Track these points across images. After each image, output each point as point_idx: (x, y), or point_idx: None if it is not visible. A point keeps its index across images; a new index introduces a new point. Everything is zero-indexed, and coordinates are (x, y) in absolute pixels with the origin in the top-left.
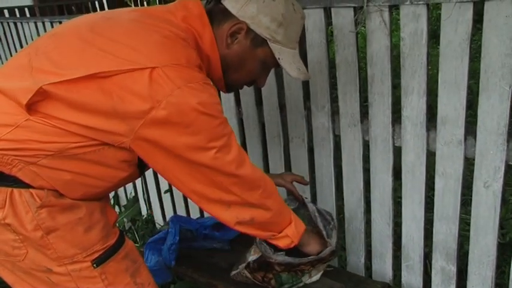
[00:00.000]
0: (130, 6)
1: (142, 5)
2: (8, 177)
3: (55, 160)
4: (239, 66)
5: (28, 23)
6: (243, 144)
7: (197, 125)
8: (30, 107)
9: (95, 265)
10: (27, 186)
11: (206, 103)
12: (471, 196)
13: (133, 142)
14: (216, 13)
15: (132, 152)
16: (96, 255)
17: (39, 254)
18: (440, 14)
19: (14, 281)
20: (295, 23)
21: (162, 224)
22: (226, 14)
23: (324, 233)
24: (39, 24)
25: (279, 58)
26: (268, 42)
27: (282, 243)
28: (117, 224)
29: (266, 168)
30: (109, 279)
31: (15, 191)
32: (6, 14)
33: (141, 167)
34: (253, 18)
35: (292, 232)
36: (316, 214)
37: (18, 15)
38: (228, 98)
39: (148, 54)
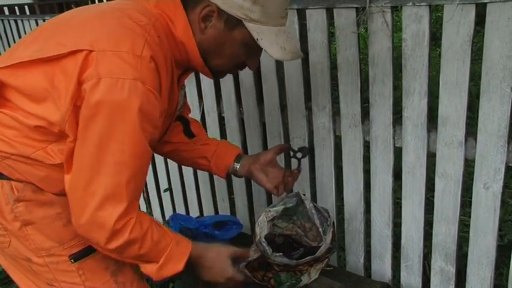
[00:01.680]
0: None
1: None
2: None
3: (27, 158)
4: (218, 51)
5: (28, 20)
6: (244, 144)
7: (94, 118)
8: (1, 97)
9: (72, 260)
10: (9, 178)
11: (112, 103)
12: (471, 197)
13: (67, 128)
14: None
15: None
16: (75, 250)
17: (19, 243)
18: (440, 16)
19: (7, 266)
20: None
21: (161, 223)
22: None
23: (321, 230)
24: (40, 22)
25: (257, 39)
26: (244, 23)
27: (143, 270)
28: None
29: None
30: (86, 275)
31: None
32: (6, 12)
33: None
34: None
35: (151, 271)
36: (314, 211)
37: (18, 13)
38: (229, 97)
39: (93, 38)
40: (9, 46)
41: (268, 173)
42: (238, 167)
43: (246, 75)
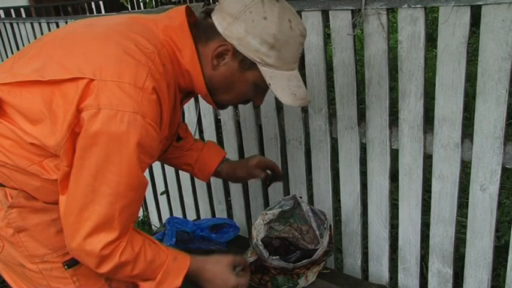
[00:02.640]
0: (127, 7)
1: (138, 5)
2: None
3: (23, 169)
4: (228, 88)
5: (24, 23)
6: (240, 146)
7: (89, 150)
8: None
9: (66, 267)
10: (2, 185)
11: (110, 135)
12: (467, 199)
13: (61, 154)
14: (205, 28)
15: None
16: (68, 257)
17: (12, 249)
18: (435, 17)
19: (1, 269)
20: (292, 42)
21: (158, 226)
22: (214, 31)
23: (318, 232)
24: (36, 25)
25: (269, 84)
26: (258, 66)
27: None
28: None
29: None
30: (81, 282)
31: None
32: (2, 15)
33: None
34: (241, 39)
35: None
36: (310, 214)
37: (14, 16)
38: None
39: (95, 65)
40: (5, 49)
41: (249, 174)
42: (220, 170)
43: None
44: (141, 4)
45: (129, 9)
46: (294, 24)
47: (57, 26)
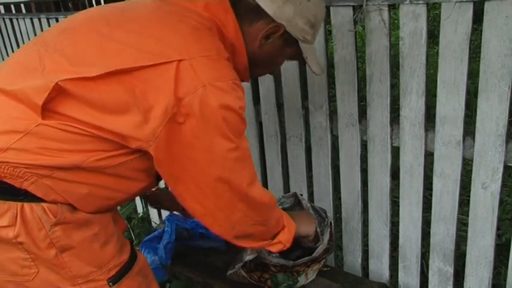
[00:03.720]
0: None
1: None
2: (19, 190)
3: (71, 173)
4: (267, 63)
5: (24, 19)
6: None
7: (215, 128)
8: (45, 109)
9: (110, 283)
10: (38, 200)
11: (229, 107)
12: (469, 196)
13: (153, 146)
14: (247, 9)
15: (151, 158)
16: (112, 272)
17: (51, 273)
18: (437, 14)
19: None
20: (322, 20)
21: (158, 223)
22: (260, 13)
23: (318, 230)
24: (35, 21)
25: (306, 57)
26: (299, 43)
27: (275, 248)
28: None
29: (263, 167)
30: None
31: (26, 205)
32: (2, 10)
33: (158, 175)
34: (290, 20)
35: (285, 238)
36: (311, 211)
37: (14, 11)
38: None
39: (175, 45)
40: (4, 45)
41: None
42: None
43: None
44: None
45: None
46: (324, 4)
47: (57, 22)
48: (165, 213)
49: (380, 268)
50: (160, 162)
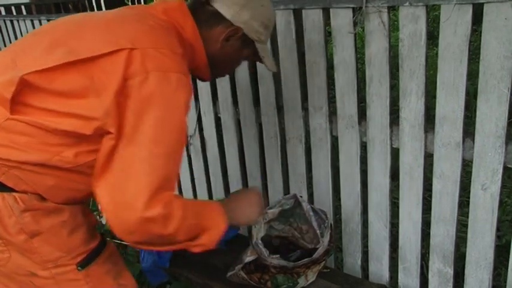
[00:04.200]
0: (127, 4)
1: (139, 2)
2: None
3: (39, 166)
4: (226, 64)
5: (25, 20)
6: (240, 145)
7: (153, 110)
8: (16, 103)
9: (79, 268)
10: (10, 190)
11: (168, 96)
12: (468, 197)
13: (107, 123)
14: (206, 15)
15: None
16: (81, 258)
17: (22, 258)
18: (436, 15)
19: (3, 284)
20: (273, 23)
21: None
22: (218, 18)
23: (318, 232)
24: (36, 22)
25: (262, 56)
26: (255, 43)
27: (195, 250)
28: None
29: (263, 169)
30: (93, 282)
31: None
32: (3, 12)
33: None
34: (246, 23)
35: (205, 242)
36: (311, 213)
37: (14, 13)
38: (225, 99)
39: (129, 37)
40: (6, 46)
41: None
42: None
43: (243, 76)
44: (142, 1)
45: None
46: (272, 7)
47: None
48: None
49: (380, 269)
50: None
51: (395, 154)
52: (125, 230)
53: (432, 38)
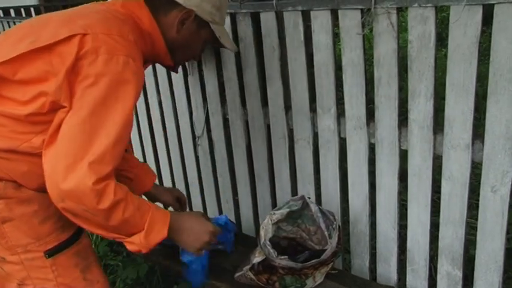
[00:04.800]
0: None
1: None
2: None
3: (11, 153)
4: (187, 47)
5: None
6: (248, 146)
7: (90, 90)
8: None
9: (47, 255)
10: None
11: (110, 75)
12: (477, 200)
13: (62, 98)
14: (161, 3)
15: None
16: (49, 246)
17: None
18: (444, 17)
19: None
20: (226, 4)
21: None
22: (172, 3)
23: (326, 233)
24: None
25: (219, 36)
26: (210, 24)
27: (130, 247)
28: None
29: (271, 170)
30: (59, 271)
31: None
32: (12, 14)
33: None
34: (198, 5)
35: (139, 241)
36: (319, 214)
37: (24, 15)
38: (233, 100)
39: (83, 25)
40: None
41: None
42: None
43: (251, 77)
44: None
45: None
46: None
47: None
48: None
49: (388, 271)
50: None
51: (403, 155)
52: (57, 195)
53: (441, 39)
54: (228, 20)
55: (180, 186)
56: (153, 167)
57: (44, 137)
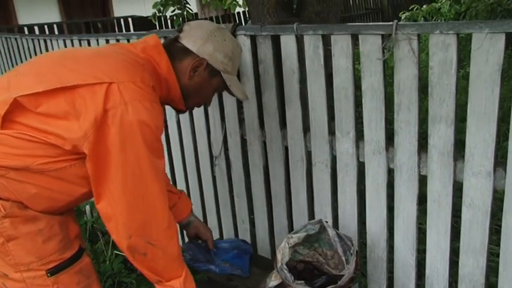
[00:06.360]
0: (155, 24)
1: (166, 22)
2: None
3: (22, 174)
4: (198, 94)
5: (57, 40)
6: (266, 168)
7: (131, 138)
8: (6, 120)
9: (48, 274)
10: None
11: (145, 122)
12: (498, 225)
13: (85, 145)
14: (177, 50)
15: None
16: (51, 265)
17: None
18: (462, 37)
19: None
20: (238, 56)
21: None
22: (187, 52)
23: (343, 258)
24: (68, 42)
25: (229, 85)
26: (222, 73)
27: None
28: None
29: (288, 192)
30: None
31: None
32: (37, 31)
33: None
34: (211, 55)
35: (178, 286)
36: (336, 239)
37: (47, 32)
38: (251, 121)
39: (108, 72)
40: None
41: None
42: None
43: (270, 98)
44: (169, 21)
45: (157, 26)
46: (238, 44)
47: (89, 44)
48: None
49: None
50: (89, 159)
51: (423, 180)
52: (123, 235)
53: (459, 61)
54: (248, 42)
55: (196, 204)
56: None
57: (56, 159)
